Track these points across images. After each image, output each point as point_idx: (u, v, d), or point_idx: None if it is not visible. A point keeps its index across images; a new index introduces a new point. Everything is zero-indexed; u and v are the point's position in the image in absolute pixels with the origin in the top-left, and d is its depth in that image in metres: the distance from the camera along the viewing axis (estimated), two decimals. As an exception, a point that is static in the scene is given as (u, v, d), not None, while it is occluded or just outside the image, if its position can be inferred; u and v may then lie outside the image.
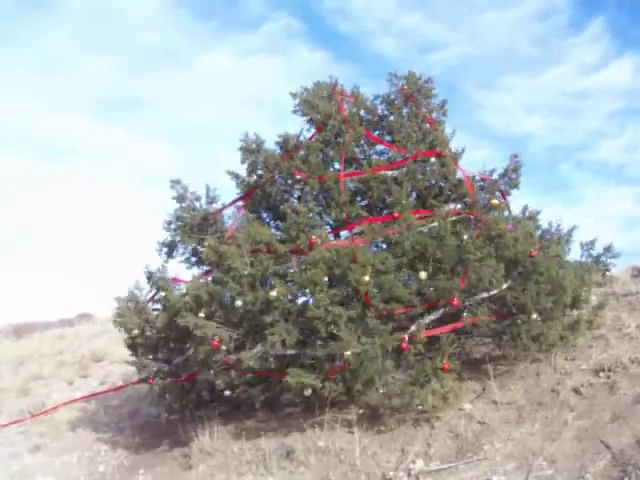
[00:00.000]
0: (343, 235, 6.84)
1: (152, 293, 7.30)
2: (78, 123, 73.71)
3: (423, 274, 5.88)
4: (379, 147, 7.51)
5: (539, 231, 6.98)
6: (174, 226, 7.40)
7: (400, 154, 7.03)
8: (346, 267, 5.70)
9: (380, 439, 5.75)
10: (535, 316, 5.87)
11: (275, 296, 5.71)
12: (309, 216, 6.28)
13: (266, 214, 7.59)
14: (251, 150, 7.15)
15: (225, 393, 6.37)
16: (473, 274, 5.83)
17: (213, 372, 6.20)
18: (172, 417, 7.46)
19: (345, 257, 5.71)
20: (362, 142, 7.42)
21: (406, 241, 6.02)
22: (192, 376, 6.63)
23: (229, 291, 5.94)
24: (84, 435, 8.12)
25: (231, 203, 7.47)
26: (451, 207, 6.77)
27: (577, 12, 68.02)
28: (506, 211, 7.12)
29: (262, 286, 6.02)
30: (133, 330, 6.97)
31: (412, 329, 5.76)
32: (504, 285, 6.10)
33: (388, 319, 5.81)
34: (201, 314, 5.90)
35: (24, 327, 21.48)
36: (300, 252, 5.99)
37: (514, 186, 7.35)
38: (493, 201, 6.76)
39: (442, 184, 7.11)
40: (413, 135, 7.20)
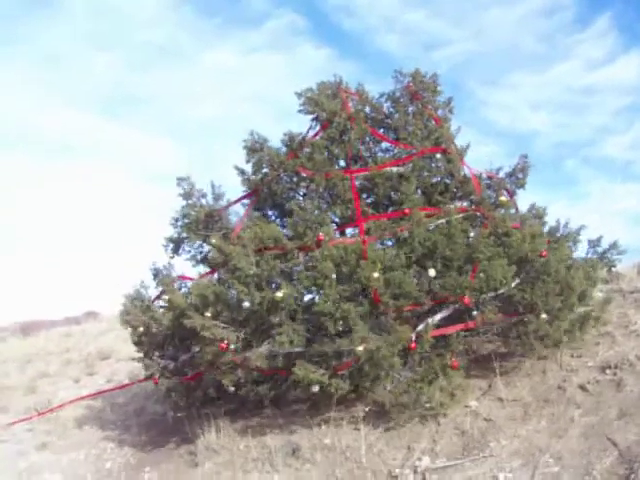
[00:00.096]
0: (348, 232, 6.84)
1: (158, 292, 7.31)
2: (81, 120, 74.04)
3: (432, 271, 5.86)
4: (384, 145, 7.51)
5: (546, 228, 6.97)
6: (180, 223, 7.41)
7: (405, 150, 7.02)
8: (354, 264, 5.69)
9: (386, 436, 5.75)
10: (544, 316, 5.86)
11: (281, 297, 5.68)
12: (316, 213, 6.27)
13: (272, 212, 7.60)
14: (255, 149, 7.15)
15: (229, 390, 6.37)
16: (483, 273, 5.82)
17: (220, 371, 6.20)
18: (178, 415, 7.48)
19: (353, 254, 5.70)
20: (367, 140, 7.41)
21: (416, 238, 6.00)
22: (198, 374, 6.65)
23: (235, 292, 5.92)
24: (91, 433, 8.14)
25: (236, 200, 7.48)
26: (457, 204, 6.76)
27: (583, 8, 67.92)
28: (513, 209, 7.10)
29: (268, 285, 6.02)
30: (139, 328, 6.98)
31: (420, 328, 5.75)
32: (513, 283, 6.08)
33: (397, 316, 5.80)
34: (207, 314, 5.89)
35: (31, 325, 21.61)
36: (307, 249, 5.98)
37: (520, 186, 7.32)
38: (501, 198, 6.75)
39: (448, 181, 7.10)
40: (418, 132, 7.19)
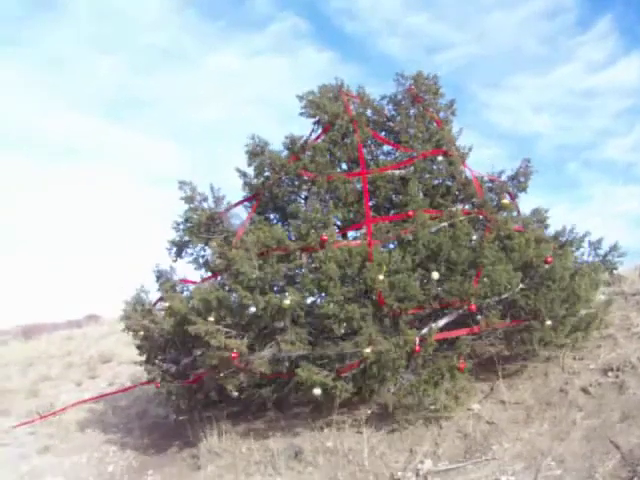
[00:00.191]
0: (350, 235, 6.85)
1: (159, 296, 7.32)
2: (85, 123, 74.19)
3: (435, 274, 5.86)
4: (386, 147, 7.52)
5: (549, 232, 6.98)
6: (183, 227, 7.42)
7: (407, 153, 7.03)
8: (359, 266, 5.68)
9: (388, 439, 5.75)
10: (549, 323, 5.85)
11: (289, 305, 5.67)
12: (319, 215, 6.24)
13: (273, 215, 7.60)
14: (256, 153, 7.16)
15: (233, 394, 6.37)
16: (488, 278, 5.82)
17: (223, 375, 6.19)
18: (180, 418, 7.49)
19: (357, 256, 5.69)
20: (369, 142, 7.42)
21: (420, 240, 6.00)
22: (200, 378, 6.65)
23: (239, 297, 5.89)
24: (93, 436, 8.15)
25: (237, 203, 7.49)
26: (460, 207, 6.75)
27: (584, 10, 67.96)
28: (515, 212, 7.10)
29: (271, 289, 6.02)
30: (139, 332, 6.99)
31: (424, 331, 5.75)
32: (517, 289, 6.07)
33: (402, 318, 5.80)
34: (210, 318, 5.88)
35: (33, 328, 21.64)
36: (311, 249, 5.96)
37: (522, 189, 7.32)
38: (504, 201, 6.74)
39: (449, 183, 7.11)
40: (420, 135, 7.20)
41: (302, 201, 7.22)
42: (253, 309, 5.75)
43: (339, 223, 6.95)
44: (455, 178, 7.04)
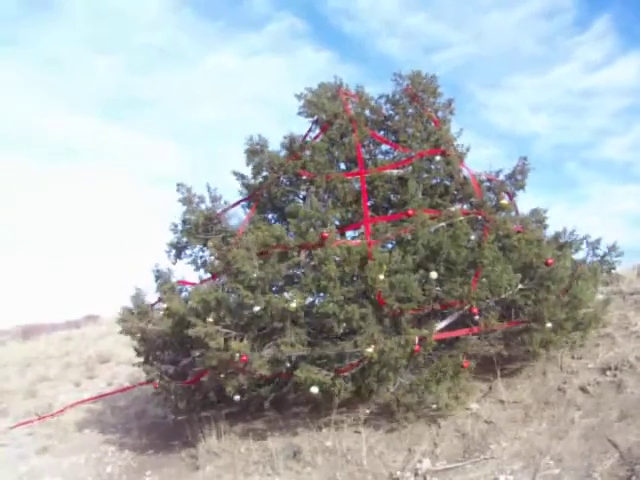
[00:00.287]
0: (349, 235, 6.85)
1: (158, 296, 7.31)
2: (84, 123, 74.17)
3: (434, 274, 5.85)
4: (384, 147, 7.52)
5: (548, 232, 6.99)
6: (181, 227, 7.41)
7: (405, 153, 7.03)
8: (358, 265, 5.67)
9: (387, 439, 5.75)
10: (550, 325, 5.85)
11: (295, 307, 5.65)
12: (318, 213, 6.22)
13: (271, 215, 7.60)
14: (256, 152, 7.16)
15: (235, 398, 6.33)
16: (487, 278, 5.81)
17: (223, 376, 6.17)
18: (179, 418, 7.49)
19: (357, 254, 5.67)
20: (367, 142, 7.42)
21: (419, 240, 5.99)
22: (198, 378, 6.64)
23: (240, 297, 5.87)
24: (91, 436, 8.14)
25: (235, 203, 7.49)
26: (458, 207, 6.75)
27: (582, 10, 68.09)
28: (514, 212, 7.10)
29: (270, 289, 6.01)
30: (136, 334, 6.98)
31: (424, 332, 5.75)
32: (516, 289, 6.06)
33: (403, 317, 5.79)
34: (209, 319, 5.86)
35: (31, 329, 21.62)
36: (310, 247, 5.93)
37: (520, 187, 7.32)
38: (502, 201, 6.74)
39: (448, 183, 7.11)
40: (418, 135, 7.20)
41: (300, 201, 7.22)
42: (257, 308, 5.72)
43: (337, 223, 6.95)
44: (453, 178, 7.04)
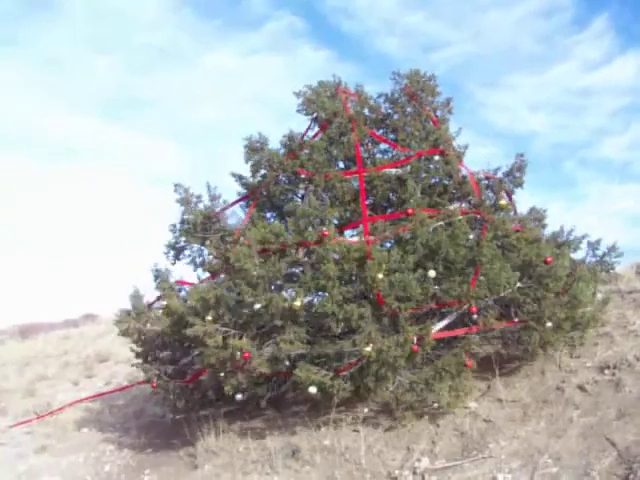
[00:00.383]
0: (347, 234, 6.84)
1: (157, 295, 7.30)
2: (84, 123, 74.15)
3: (432, 272, 5.84)
4: (383, 146, 7.51)
5: (547, 232, 7.00)
6: (179, 227, 7.40)
7: (404, 153, 7.03)
8: (357, 263, 5.66)
9: (386, 437, 5.75)
10: (550, 324, 5.86)
11: (299, 306, 5.65)
12: (317, 211, 6.20)
13: (270, 214, 7.59)
14: (255, 149, 7.15)
15: (237, 397, 6.31)
16: (485, 277, 5.81)
17: (222, 375, 6.15)
18: (177, 417, 7.48)
19: (355, 252, 5.66)
20: (366, 141, 7.41)
21: (418, 238, 5.99)
22: (196, 376, 6.63)
23: (242, 294, 5.86)
24: (90, 435, 8.14)
25: (234, 202, 7.48)
26: (457, 206, 6.75)
27: (581, 9, 68.16)
28: (512, 211, 7.10)
29: (270, 287, 6.00)
30: (134, 335, 6.96)
31: (423, 331, 5.74)
32: (515, 287, 6.06)
33: (401, 316, 5.78)
34: (208, 317, 5.86)
35: (29, 328, 21.62)
36: (308, 244, 5.92)
37: (518, 185, 7.33)
38: (501, 202, 6.73)
39: (446, 182, 7.10)
40: (416, 134, 7.20)
41: (299, 199, 7.21)
42: (257, 306, 5.71)
43: (336, 222, 6.94)
44: (452, 177, 7.04)
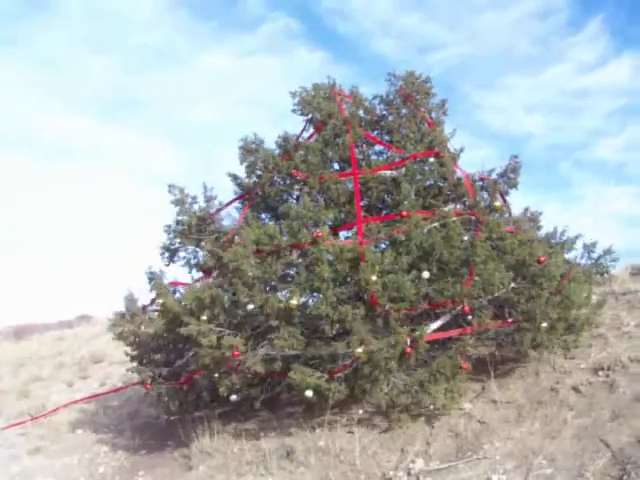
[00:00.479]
0: (342, 235, 6.85)
1: (151, 297, 7.28)
2: (81, 123, 73.96)
3: (426, 273, 5.84)
4: (377, 147, 7.52)
5: (541, 233, 7.00)
6: (174, 228, 7.39)
7: (399, 155, 7.03)
8: (350, 265, 5.65)
9: (380, 439, 5.75)
10: (545, 325, 5.86)
11: (296, 305, 5.64)
12: (311, 213, 6.20)
13: (265, 215, 7.59)
14: (250, 150, 7.14)
15: (232, 398, 6.30)
16: (479, 277, 5.82)
17: (216, 375, 6.14)
18: (172, 418, 7.45)
19: (349, 253, 5.66)
20: (361, 142, 7.42)
21: (412, 240, 5.99)
22: (190, 378, 6.62)
23: (238, 294, 5.85)
24: (84, 436, 8.11)
25: (229, 203, 7.48)
26: (451, 207, 6.75)
27: (576, 11, 68.37)
28: (507, 213, 7.11)
29: (265, 288, 5.99)
30: (129, 338, 6.94)
31: (416, 333, 5.74)
32: (509, 287, 6.07)
33: (393, 318, 5.78)
34: (203, 317, 5.84)
35: (24, 329, 21.53)
36: (302, 246, 5.90)
37: (513, 186, 7.35)
38: (496, 203, 6.75)
39: (441, 184, 7.11)
40: (412, 135, 7.21)
41: (294, 201, 7.21)
42: (250, 306, 5.71)
43: (331, 223, 6.94)
44: (447, 179, 7.05)
